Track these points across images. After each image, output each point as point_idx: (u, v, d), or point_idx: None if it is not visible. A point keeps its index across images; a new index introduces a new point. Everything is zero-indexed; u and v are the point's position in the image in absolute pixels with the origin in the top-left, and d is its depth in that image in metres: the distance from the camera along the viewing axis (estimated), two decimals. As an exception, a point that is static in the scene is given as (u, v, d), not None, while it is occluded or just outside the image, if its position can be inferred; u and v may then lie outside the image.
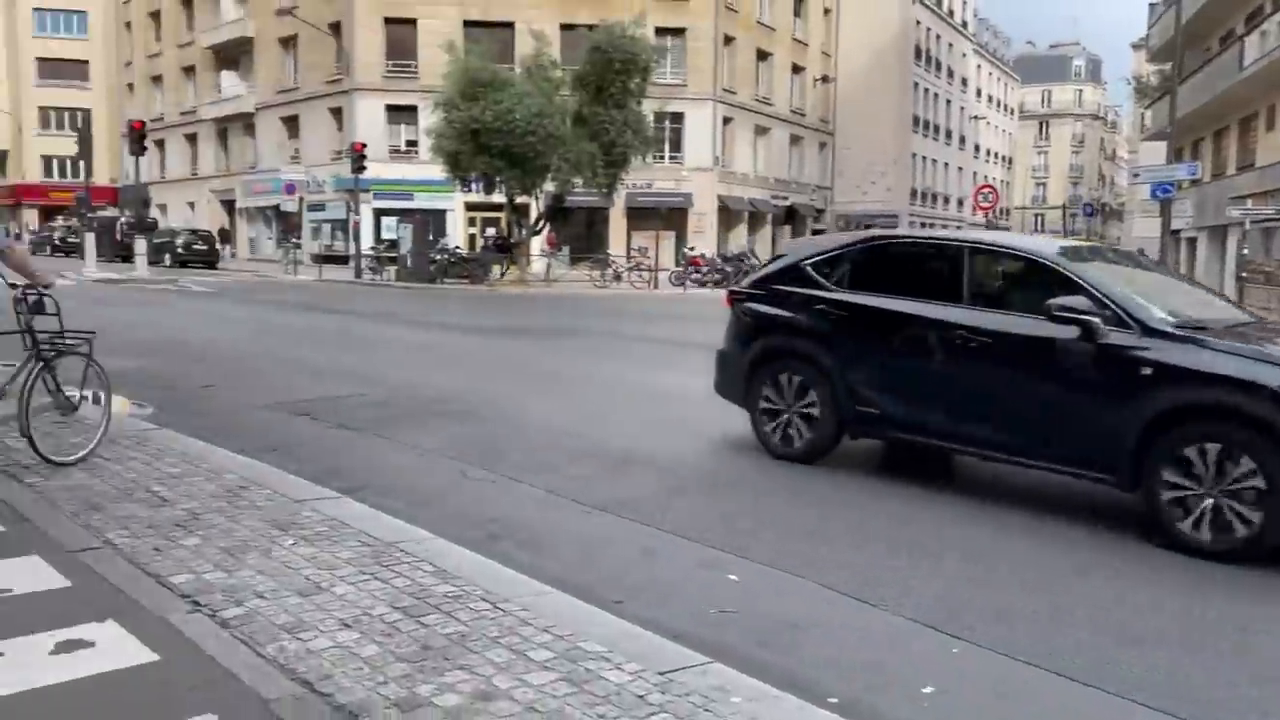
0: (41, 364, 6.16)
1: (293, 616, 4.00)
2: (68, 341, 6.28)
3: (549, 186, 31.58)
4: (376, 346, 14.23)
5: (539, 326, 17.82)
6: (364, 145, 33.68)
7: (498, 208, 37.55)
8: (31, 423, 6.14)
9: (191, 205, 54.48)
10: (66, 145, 55.17)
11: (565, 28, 38.20)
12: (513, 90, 29.19)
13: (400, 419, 8.67)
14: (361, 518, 5.46)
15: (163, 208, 54.92)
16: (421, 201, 39.57)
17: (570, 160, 29.54)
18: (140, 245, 32.95)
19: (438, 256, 31.70)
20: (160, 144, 54.42)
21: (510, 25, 39.45)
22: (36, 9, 66.69)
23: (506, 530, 5.54)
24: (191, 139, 54.97)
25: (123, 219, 44.25)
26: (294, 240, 39.33)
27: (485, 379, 11.25)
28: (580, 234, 41.56)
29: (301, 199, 41.15)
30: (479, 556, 4.85)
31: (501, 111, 28.31)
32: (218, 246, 42.23)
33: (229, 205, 51.63)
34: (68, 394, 6.41)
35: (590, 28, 31.54)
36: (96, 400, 6.73)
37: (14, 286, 6.06)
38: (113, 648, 3.68)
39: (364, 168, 32.85)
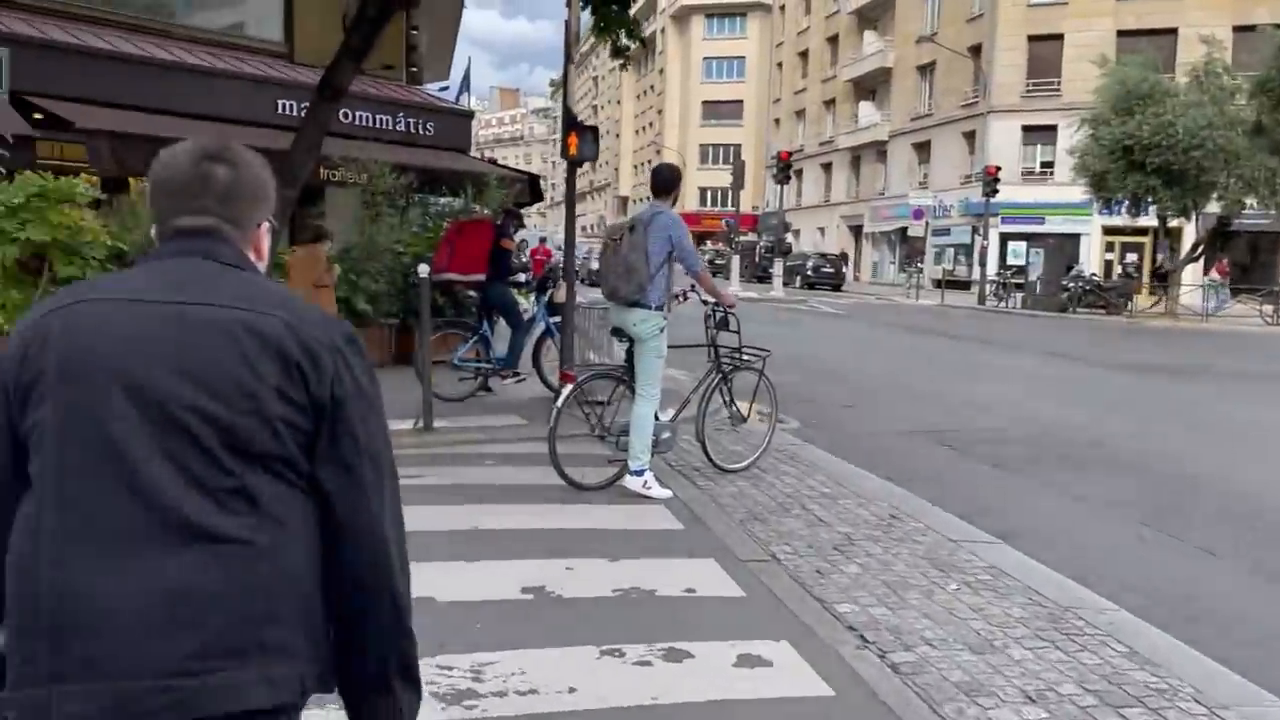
0: (720, 376, 6.62)
1: (967, 675, 3.65)
2: (744, 357, 6.66)
3: (1212, 208, 27.76)
4: (1010, 377, 13.45)
5: (1207, 367, 15.46)
6: (997, 168, 32.78)
7: (1141, 232, 34.10)
8: (705, 430, 6.64)
9: (821, 230, 58.01)
10: (717, 177, 62.24)
11: (1240, 29, 33.35)
12: (1175, 101, 26.15)
13: (1047, 459, 7.94)
14: (1024, 569, 4.98)
15: (795, 233, 59.27)
16: (1053, 225, 37.45)
17: (1244, 177, 25.66)
18: (777, 267, 36.03)
19: (1070, 284, 29.58)
20: (798, 173, 58.73)
21: (1172, 31, 35.63)
22: (706, 57, 76.45)
23: (1207, 614, 4.61)
24: (826, 167, 58.52)
25: (761, 243, 48.57)
26: (917, 264, 39.70)
27: (1145, 422, 9.95)
28: (1242, 261, 35.94)
29: (927, 223, 41.37)
30: (1179, 643, 4.08)
31: (1161, 125, 25.51)
32: (843, 270, 44.21)
33: (855, 230, 53.98)
34: (739, 406, 6.81)
35: (1277, 26, 27.04)
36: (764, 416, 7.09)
37: (705, 303, 6.59)
38: (789, 672, 3.64)
39: (996, 191, 31.94)
